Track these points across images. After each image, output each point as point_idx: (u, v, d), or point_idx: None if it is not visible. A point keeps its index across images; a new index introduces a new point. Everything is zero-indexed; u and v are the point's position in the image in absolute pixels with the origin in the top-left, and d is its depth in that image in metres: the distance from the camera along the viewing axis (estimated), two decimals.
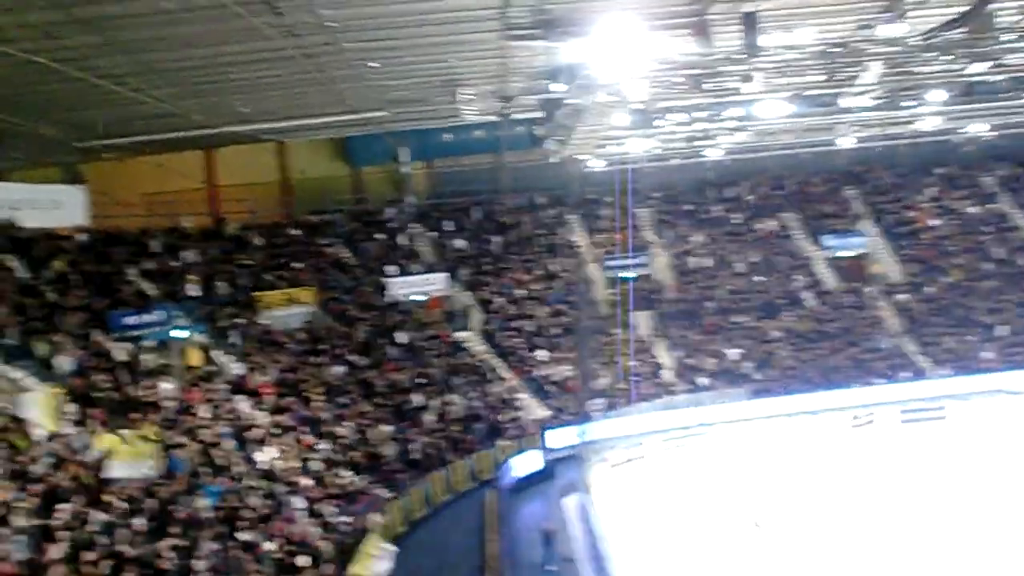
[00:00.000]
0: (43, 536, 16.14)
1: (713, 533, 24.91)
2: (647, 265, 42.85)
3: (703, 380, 38.08)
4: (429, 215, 44.58)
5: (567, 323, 39.28)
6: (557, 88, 22.80)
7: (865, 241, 45.40)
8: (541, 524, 25.32)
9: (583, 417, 33.43)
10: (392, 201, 44.73)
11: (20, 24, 16.08)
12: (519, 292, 41.28)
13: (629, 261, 41.15)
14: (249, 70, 21.99)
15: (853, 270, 44.63)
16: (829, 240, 45.10)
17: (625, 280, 39.70)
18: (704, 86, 21.23)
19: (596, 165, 37.08)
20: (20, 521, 16.14)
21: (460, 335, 38.84)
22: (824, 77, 21.64)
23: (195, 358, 29.69)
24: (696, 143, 32.52)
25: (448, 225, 43.91)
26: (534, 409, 35.58)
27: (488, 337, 39.24)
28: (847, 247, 45.10)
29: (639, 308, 41.45)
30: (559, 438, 32.99)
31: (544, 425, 34.12)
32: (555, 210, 45.72)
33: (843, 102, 23.52)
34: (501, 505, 28.23)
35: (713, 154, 36.50)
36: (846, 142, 34.82)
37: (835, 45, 19.68)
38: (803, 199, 47.54)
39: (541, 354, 38.33)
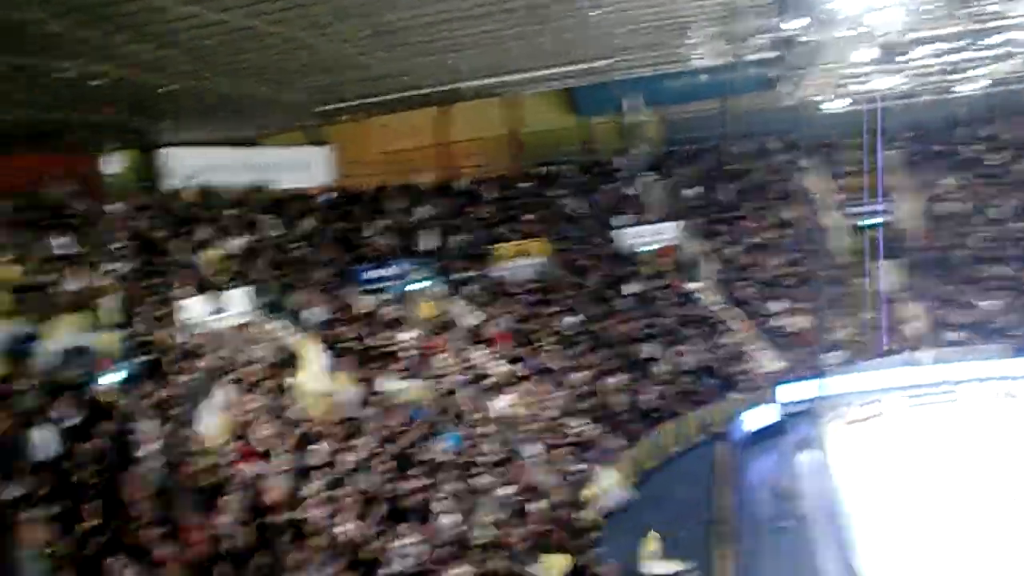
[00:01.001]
0: (300, 474, 17.32)
1: (959, 501, 23.16)
2: (891, 211, 40.31)
3: (954, 335, 35.53)
4: (658, 164, 43.91)
5: (803, 273, 37.78)
6: (792, 25, 21.60)
7: None
8: (774, 480, 24.65)
9: (819, 371, 32.23)
10: (621, 151, 44.41)
11: None
12: (752, 241, 40.06)
13: (871, 207, 38.88)
14: (476, 25, 22.33)
15: None
16: None
17: (866, 227, 37.56)
18: (961, 12, 19.44)
19: (834, 106, 35.03)
20: (281, 460, 17.41)
21: (691, 285, 38.22)
22: None
23: (431, 310, 30.90)
24: (949, 77, 29.89)
25: (678, 173, 43.13)
26: (768, 362, 34.54)
27: (720, 287, 38.39)
28: None
29: (882, 257, 39.23)
30: (793, 392, 31.88)
31: (778, 379, 33.12)
32: (790, 155, 43.78)
33: None
34: (732, 459, 27.74)
35: (968, 88, 33.49)
36: None
37: None
38: None
39: (775, 305, 37.07)
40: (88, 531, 9.89)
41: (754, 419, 30.32)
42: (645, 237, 39.38)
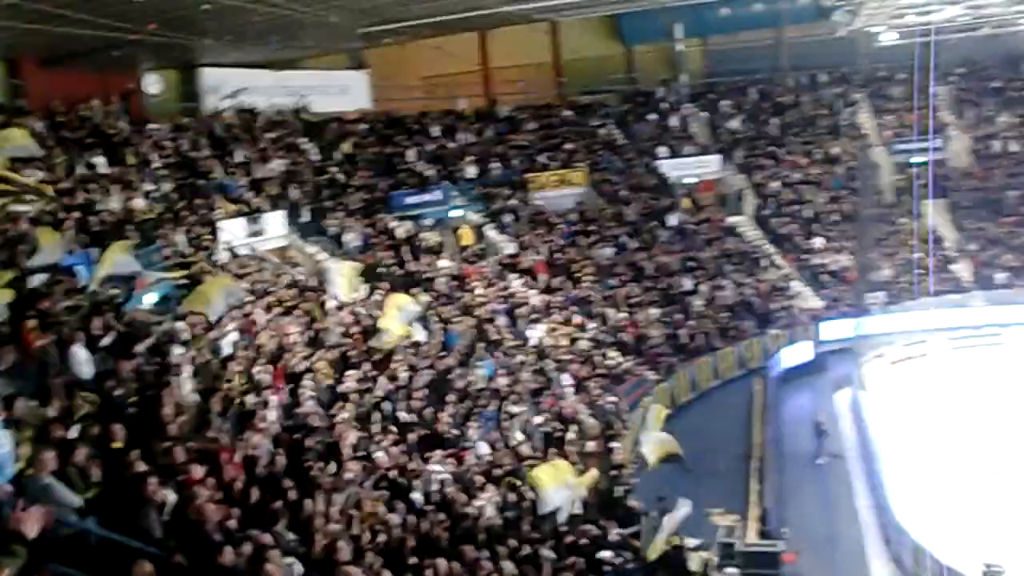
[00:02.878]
0: (334, 398, 17.35)
1: (1000, 445, 22.67)
2: (942, 149, 39.25)
3: (1001, 277, 34.77)
4: (703, 95, 42.96)
5: (848, 210, 37.06)
6: None
7: None
8: (814, 417, 24.50)
9: (860, 310, 31.90)
10: (665, 80, 43.45)
11: None
12: (797, 176, 39.26)
13: (921, 144, 37.92)
14: None
15: None
16: None
17: (916, 165, 36.65)
18: None
19: (889, 38, 33.93)
20: (315, 384, 17.41)
21: (733, 219, 37.69)
22: None
23: (469, 237, 30.75)
24: (1015, 9, 28.61)
25: (723, 105, 42.20)
26: (808, 299, 34.14)
27: (762, 222, 37.82)
28: None
29: (931, 196, 38.34)
30: (833, 330, 31.61)
31: (818, 316, 32.75)
32: (839, 89, 42.61)
33: None
34: (768, 395, 27.57)
35: None
36: None
37: None
38: None
39: (818, 242, 36.52)
40: (120, 451, 9.91)
41: (791, 355, 30.10)
42: (687, 169, 38.76)
